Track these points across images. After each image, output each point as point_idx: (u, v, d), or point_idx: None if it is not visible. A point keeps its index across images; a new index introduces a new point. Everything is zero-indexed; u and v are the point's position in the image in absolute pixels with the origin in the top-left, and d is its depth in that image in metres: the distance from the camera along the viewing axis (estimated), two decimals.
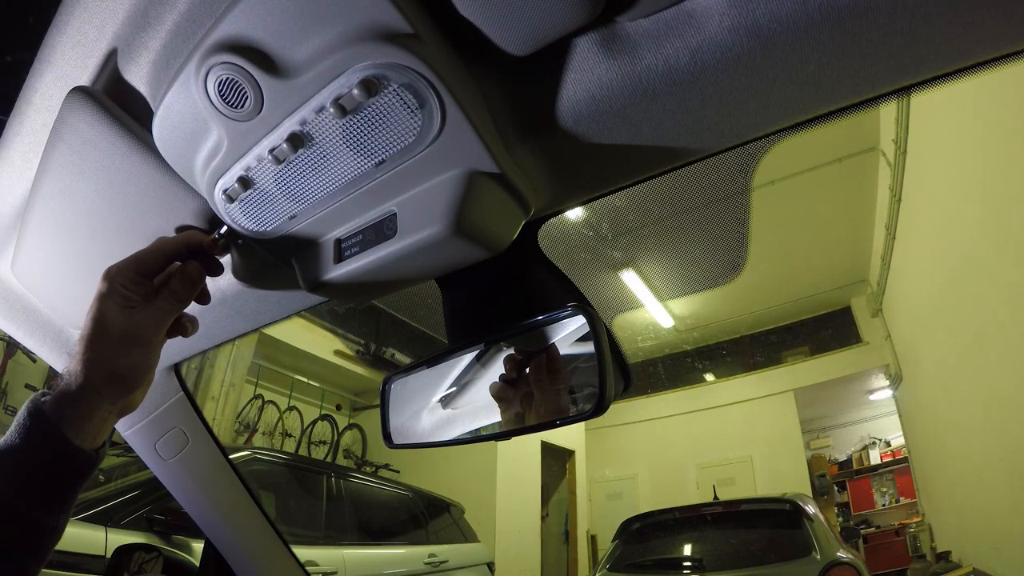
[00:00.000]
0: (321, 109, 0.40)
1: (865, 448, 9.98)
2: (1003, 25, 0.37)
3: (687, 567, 3.72)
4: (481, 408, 0.56)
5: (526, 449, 7.65)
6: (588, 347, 0.48)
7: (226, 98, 0.40)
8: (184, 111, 0.43)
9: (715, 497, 4.77)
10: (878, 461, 9.70)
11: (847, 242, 7.32)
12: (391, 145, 0.41)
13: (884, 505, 9.45)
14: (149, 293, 0.50)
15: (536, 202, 0.50)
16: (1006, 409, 4.02)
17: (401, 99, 0.38)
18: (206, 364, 5.31)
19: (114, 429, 0.56)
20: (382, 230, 0.46)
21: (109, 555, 1.14)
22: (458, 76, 0.39)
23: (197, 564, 1.03)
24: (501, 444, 6.57)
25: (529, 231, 0.56)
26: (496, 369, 0.56)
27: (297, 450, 6.45)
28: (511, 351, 0.54)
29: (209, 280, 0.54)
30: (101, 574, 1.09)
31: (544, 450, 8.00)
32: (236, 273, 0.61)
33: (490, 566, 5.38)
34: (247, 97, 0.40)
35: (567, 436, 8.39)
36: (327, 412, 7.04)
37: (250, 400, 6.28)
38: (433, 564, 4.60)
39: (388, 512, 4.90)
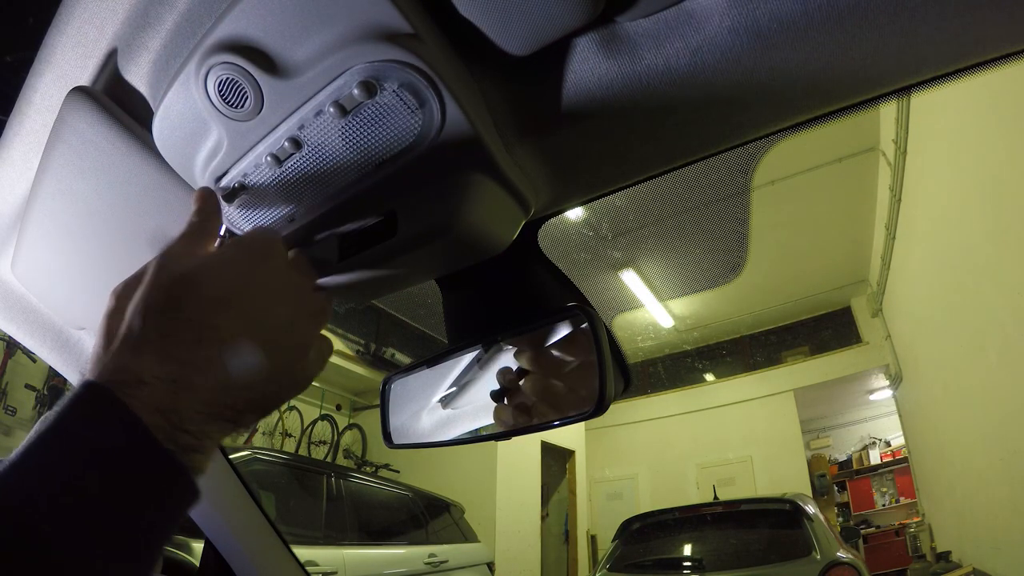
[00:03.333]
0: (321, 109, 0.40)
1: (865, 448, 9.98)
2: (1003, 25, 0.37)
3: (687, 567, 3.72)
4: (481, 408, 0.56)
5: (526, 449, 7.65)
6: (588, 347, 0.48)
7: (226, 98, 0.40)
8: (184, 111, 0.43)
9: (715, 497, 4.78)
10: (878, 461, 9.70)
11: (847, 242, 7.32)
12: (391, 145, 0.41)
13: (884, 505, 9.45)
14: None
15: (536, 202, 0.50)
16: (1006, 409, 4.02)
17: (401, 99, 0.38)
18: None
19: None
20: (382, 230, 0.46)
21: None
22: (458, 76, 0.39)
23: (197, 564, 1.03)
24: (501, 444, 6.57)
25: (529, 231, 0.56)
26: (496, 369, 0.56)
27: (297, 450, 6.45)
28: (511, 351, 0.54)
29: None
30: None
31: (544, 450, 8.00)
32: None
33: (490, 566, 5.38)
34: (247, 97, 0.40)
35: (567, 436, 8.39)
36: (327, 412, 7.03)
37: None
38: (433, 564, 4.60)
39: (388, 512, 4.90)
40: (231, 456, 0.95)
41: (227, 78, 0.39)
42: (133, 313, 0.35)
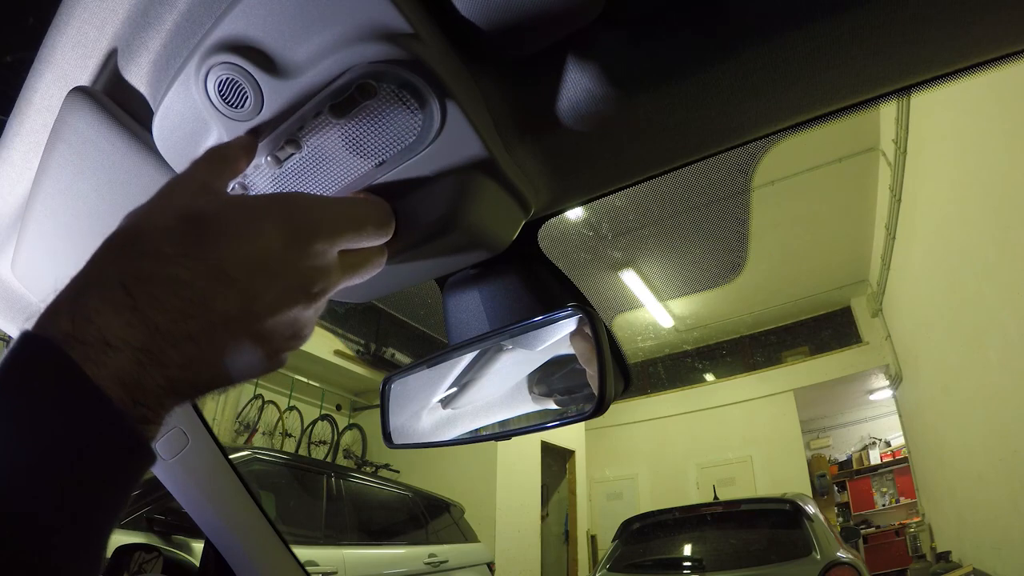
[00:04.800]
0: (321, 109, 0.40)
1: (865, 448, 9.98)
2: (1003, 25, 0.37)
3: (687, 567, 3.72)
4: (481, 408, 0.56)
5: (526, 449, 7.65)
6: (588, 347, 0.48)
7: (226, 98, 0.40)
8: (184, 111, 0.43)
9: (715, 497, 4.79)
10: (878, 461, 9.71)
11: (847, 242, 7.32)
12: (391, 145, 0.41)
13: (884, 505, 9.45)
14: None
15: (536, 202, 0.50)
16: (1006, 409, 4.02)
17: (401, 99, 0.38)
18: None
19: None
20: None
21: (109, 555, 1.13)
22: (458, 76, 0.39)
23: (197, 564, 1.03)
24: (501, 444, 6.58)
25: (529, 231, 0.56)
26: (496, 369, 0.56)
27: (297, 450, 6.45)
28: (511, 351, 0.54)
29: None
30: (101, 574, 1.08)
31: (544, 450, 8.00)
32: None
33: (490, 566, 5.38)
34: (247, 97, 0.40)
35: (567, 436, 8.39)
36: (327, 412, 7.04)
37: (250, 400, 6.29)
38: (433, 564, 4.60)
39: (388, 512, 4.90)
40: (231, 456, 0.95)
41: (227, 78, 0.39)
42: (118, 243, 0.29)
